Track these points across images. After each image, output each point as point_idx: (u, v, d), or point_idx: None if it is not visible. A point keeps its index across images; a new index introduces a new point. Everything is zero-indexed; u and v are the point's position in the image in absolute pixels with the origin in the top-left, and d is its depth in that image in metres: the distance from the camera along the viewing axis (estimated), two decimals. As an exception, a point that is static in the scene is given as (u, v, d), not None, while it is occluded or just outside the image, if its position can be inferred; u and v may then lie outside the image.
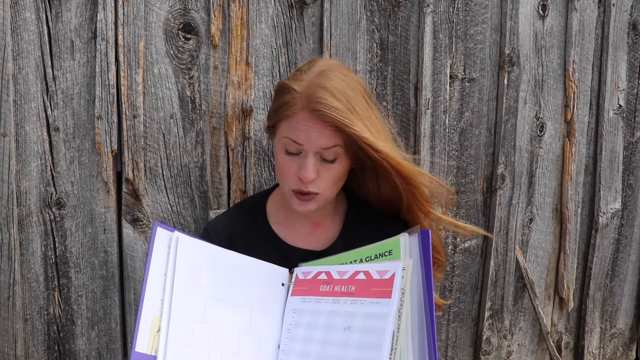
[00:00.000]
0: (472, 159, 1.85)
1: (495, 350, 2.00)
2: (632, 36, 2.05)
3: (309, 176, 1.21)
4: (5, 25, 1.43)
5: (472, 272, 1.92)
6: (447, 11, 1.73)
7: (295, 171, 1.23)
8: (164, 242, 1.15)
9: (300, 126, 1.20)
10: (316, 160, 1.22)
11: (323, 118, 1.18)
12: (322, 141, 1.20)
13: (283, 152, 1.24)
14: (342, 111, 1.17)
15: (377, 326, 1.09)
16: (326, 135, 1.19)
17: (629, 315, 2.28)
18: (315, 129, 1.19)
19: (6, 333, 1.55)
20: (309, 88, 1.20)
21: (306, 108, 1.19)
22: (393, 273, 1.15)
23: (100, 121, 1.50)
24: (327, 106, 1.16)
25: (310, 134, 1.19)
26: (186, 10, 1.53)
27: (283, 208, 1.38)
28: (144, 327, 1.07)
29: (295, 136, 1.20)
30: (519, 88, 1.85)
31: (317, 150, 1.21)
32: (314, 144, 1.20)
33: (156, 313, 1.09)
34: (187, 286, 1.14)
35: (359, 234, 1.37)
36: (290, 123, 1.21)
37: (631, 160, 2.14)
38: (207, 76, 1.57)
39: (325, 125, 1.19)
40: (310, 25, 1.63)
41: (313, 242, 1.36)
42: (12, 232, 1.51)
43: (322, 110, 1.17)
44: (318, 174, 1.22)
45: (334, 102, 1.17)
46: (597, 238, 2.10)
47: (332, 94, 1.18)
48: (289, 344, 1.15)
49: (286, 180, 1.26)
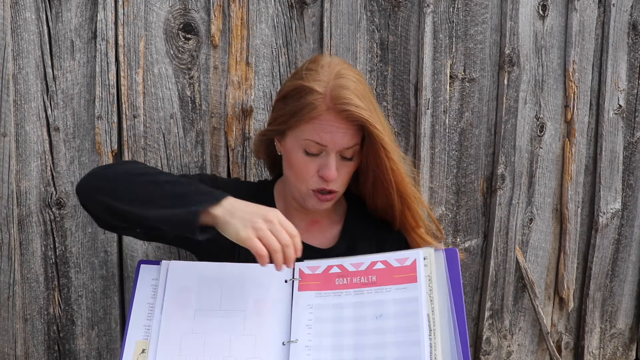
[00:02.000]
0: (472, 159, 1.85)
1: (495, 350, 2.00)
2: (632, 36, 2.05)
3: (333, 175, 1.23)
4: (5, 25, 1.43)
5: (472, 272, 1.92)
6: (447, 11, 1.73)
7: (315, 171, 1.25)
8: (148, 275, 1.23)
9: (326, 127, 1.21)
10: (337, 159, 1.25)
11: (350, 118, 1.20)
12: (346, 141, 1.22)
13: (301, 153, 1.25)
14: (367, 110, 1.21)
15: (409, 310, 1.12)
16: (350, 134, 1.22)
17: (629, 316, 2.28)
18: (341, 130, 1.21)
19: (6, 333, 1.55)
20: (332, 89, 1.21)
21: (332, 109, 1.20)
22: (414, 259, 1.17)
23: (100, 121, 1.50)
24: (354, 106, 1.19)
25: (335, 134, 1.21)
26: (186, 10, 1.53)
27: (283, 202, 1.39)
28: (128, 351, 1.15)
29: (319, 138, 1.22)
30: (519, 88, 1.85)
31: (339, 150, 1.24)
32: (338, 144, 1.22)
33: (139, 338, 1.16)
34: (176, 307, 1.19)
35: (359, 236, 1.38)
36: (315, 125, 1.22)
37: (631, 160, 2.14)
38: (207, 76, 1.57)
39: (350, 125, 1.22)
40: (310, 25, 1.63)
41: (311, 239, 1.36)
42: (12, 232, 1.51)
43: (350, 110, 1.19)
44: (338, 172, 1.25)
45: (358, 102, 1.20)
46: (597, 238, 2.10)
47: (355, 94, 1.21)
48: (316, 339, 1.15)
49: (305, 181, 1.27)
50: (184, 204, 1.10)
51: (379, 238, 1.39)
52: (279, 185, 1.42)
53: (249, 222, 1.08)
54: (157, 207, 1.11)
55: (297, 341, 1.14)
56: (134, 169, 1.20)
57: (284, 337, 1.16)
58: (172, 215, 1.10)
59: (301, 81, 1.25)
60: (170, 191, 1.13)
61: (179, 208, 1.10)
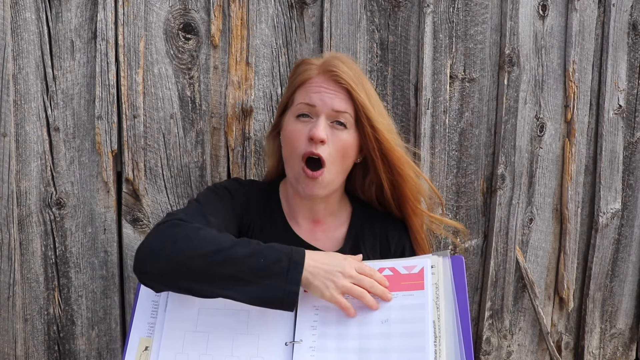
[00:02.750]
0: (472, 159, 1.85)
1: (495, 350, 2.00)
2: (632, 36, 2.05)
3: (319, 133, 1.26)
4: (5, 25, 1.43)
5: (472, 272, 1.92)
6: (447, 11, 1.73)
7: (306, 135, 1.28)
8: None
9: (314, 88, 1.29)
10: (327, 124, 1.28)
11: (336, 80, 1.28)
12: (335, 103, 1.28)
13: (294, 120, 1.31)
14: (353, 79, 1.29)
15: (415, 316, 1.12)
16: (339, 98, 1.29)
17: (629, 316, 2.28)
18: (330, 91, 1.28)
19: (6, 333, 1.55)
20: (325, 60, 1.33)
21: (321, 73, 1.31)
22: (422, 267, 1.19)
23: (100, 121, 1.50)
24: (341, 71, 1.29)
25: (323, 95, 1.28)
26: (186, 10, 1.53)
27: (286, 202, 1.40)
28: (132, 349, 1.16)
29: (309, 98, 1.29)
30: (519, 88, 1.85)
31: (329, 113, 1.28)
32: (327, 104, 1.28)
33: (143, 335, 1.17)
34: (180, 305, 1.20)
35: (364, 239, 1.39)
36: (305, 87, 1.31)
37: (631, 160, 2.14)
38: (207, 76, 1.57)
39: (338, 89, 1.29)
40: (310, 25, 1.63)
41: (315, 240, 1.37)
42: (12, 232, 1.51)
43: (335, 71, 1.28)
44: (328, 138, 1.28)
45: (347, 70, 1.30)
46: (597, 238, 2.10)
47: (345, 64, 1.31)
48: (320, 341, 1.15)
49: (296, 149, 1.29)
50: (272, 278, 1.10)
51: (383, 240, 1.40)
52: (283, 186, 1.43)
53: (330, 283, 1.13)
54: (241, 287, 1.11)
55: (302, 342, 1.14)
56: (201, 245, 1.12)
57: (287, 337, 1.16)
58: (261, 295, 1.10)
59: (304, 58, 1.38)
60: (250, 267, 1.11)
61: (267, 286, 1.10)
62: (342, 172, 1.33)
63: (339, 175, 1.32)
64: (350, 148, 1.31)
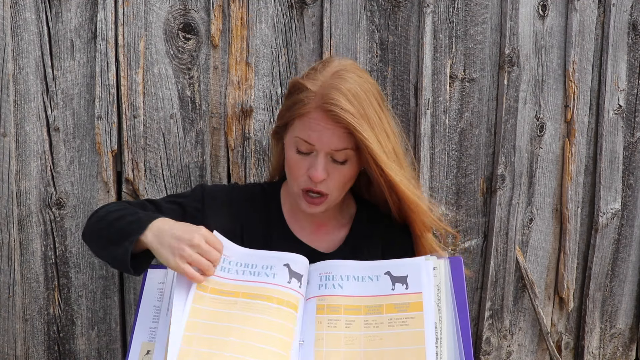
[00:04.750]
0: (472, 159, 1.85)
1: (495, 350, 2.00)
2: (632, 36, 2.05)
3: (319, 176, 1.22)
4: (5, 25, 1.43)
5: (472, 272, 1.92)
6: (447, 11, 1.73)
7: (305, 170, 1.24)
8: (155, 278, 1.25)
9: (313, 126, 1.20)
10: (327, 160, 1.23)
11: (336, 119, 1.18)
12: (334, 142, 1.21)
13: (294, 151, 1.25)
14: (355, 115, 1.18)
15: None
16: (338, 136, 1.20)
17: (629, 316, 2.28)
18: (328, 130, 1.20)
19: (6, 333, 1.55)
20: (323, 88, 1.20)
21: (320, 108, 1.19)
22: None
23: (100, 121, 1.50)
24: (341, 108, 1.17)
25: (322, 134, 1.20)
26: (186, 10, 1.53)
27: (289, 204, 1.38)
28: (134, 353, 1.17)
29: (307, 136, 1.21)
30: (519, 88, 1.85)
31: (328, 151, 1.22)
32: (325, 144, 1.21)
33: (145, 339, 1.18)
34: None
35: (365, 241, 1.37)
36: (303, 122, 1.22)
37: (631, 160, 2.14)
38: (207, 76, 1.57)
39: (338, 127, 1.19)
40: (310, 25, 1.63)
41: (316, 241, 1.36)
42: (12, 232, 1.51)
43: (335, 111, 1.17)
44: (328, 175, 1.23)
45: (347, 105, 1.18)
46: (597, 238, 2.10)
47: (345, 96, 1.18)
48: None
49: (296, 180, 1.27)
50: (120, 240, 1.15)
51: (384, 245, 1.38)
52: (284, 187, 1.41)
53: (176, 250, 1.11)
54: (105, 248, 1.20)
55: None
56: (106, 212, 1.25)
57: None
58: (110, 254, 1.19)
59: (300, 79, 1.26)
60: (116, 228, 1.18)
61: (115, 245, 1.16)
62: (344, 191, 1.32)
63: (340, 195, 1.31)
64: (353, 174, 1.29)
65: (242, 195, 1.37)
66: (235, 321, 1.11)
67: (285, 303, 1.16)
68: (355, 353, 1.12)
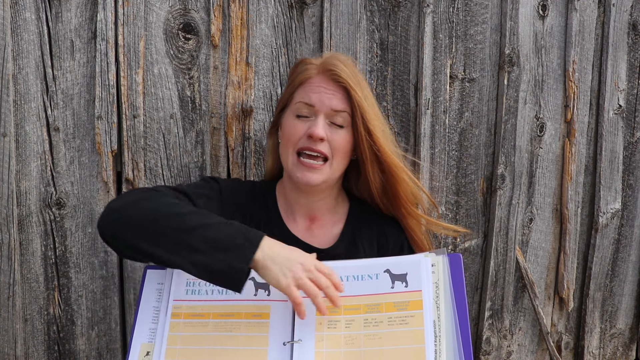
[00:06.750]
0: (472, 159, 1.85)
1: (495, 350, 2.00)
2: (632, 36, 2.05)
3: (319, 132, 1.28)
4: (5, 25, 1.43)
5: (472, 272, 1.92)
6: (447, 11, 1.73)
7: (304, 132, 1.30)
8: (155, 279, 1.25)
9: (314, 88, 1.32)
10: (325, 122, 1.31)
11: (335, 78, 1.31)
12: (334, 102, 1.31)
13: (293, 118, 1.33)
14: (351, 77, 1.31)
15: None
16: (337, 98, 1.31)
17: (629, 315, 2.28)
18: (329, 91, 1.31)
19: (6, 333, 1.55)
20: (324, 60, 1.35)
21: (320, 72, 1.33)
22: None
23: (100, 121, 1.50)
24: (340, 69, 1.31)
25: (322, 95, 1.31)
26: (186, 10, 1.53)
27: (284, 201, 1.40)
28: (134, 354, 1.18)
29: (308, 98, 1.31)
30: (519, 88, 1.85)
31: (328, 112, 1.31)
32: (325, 104, 1.30)
33: (145, 340, 1.19)
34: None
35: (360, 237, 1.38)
36: (305, 87, 1.33)
37: (631, 160, 2.14)
38: (207, 76, 1.57)
39: (337, 88, 1.31)
40: (310, 25, 1.63)
41: (312, 238, 1.37)
42: (12, 232, 1.51)
43: (334, 70, 1.31)
44: (327, 136, 1.30)
45: (344, 69, 1.32)
46: (597, 238, 2.10)
47: (343, 63, 1.33)
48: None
49: (294, 143, 1.31)
50: (222, 251, 1.08)
51: (380, 238, 1.40)
52: (279, 186, 1.44)
53: (289, 271, 1.09)
54: (190, 255, 1.09)
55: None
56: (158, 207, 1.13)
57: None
58: (209, 266, 1.08)
59: (304, 58, 1.40)
60: (203, 236, 1.09)
61: (216, 258, 1.07)
62: (339, 169, 1.35)
63: (335, 172, 1.34)
64: (347, 146, 1.33)
65: (248, 189, 1.41)
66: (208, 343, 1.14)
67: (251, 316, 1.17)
68: (355, 353, 1.12)
